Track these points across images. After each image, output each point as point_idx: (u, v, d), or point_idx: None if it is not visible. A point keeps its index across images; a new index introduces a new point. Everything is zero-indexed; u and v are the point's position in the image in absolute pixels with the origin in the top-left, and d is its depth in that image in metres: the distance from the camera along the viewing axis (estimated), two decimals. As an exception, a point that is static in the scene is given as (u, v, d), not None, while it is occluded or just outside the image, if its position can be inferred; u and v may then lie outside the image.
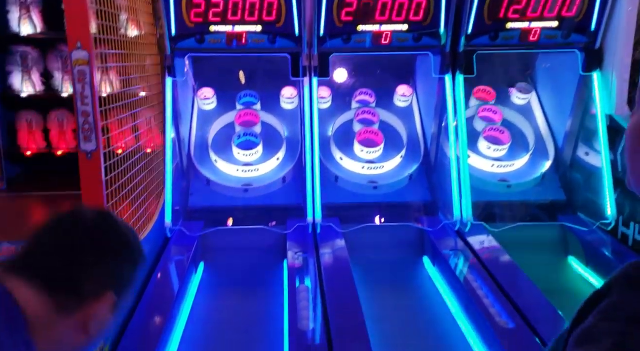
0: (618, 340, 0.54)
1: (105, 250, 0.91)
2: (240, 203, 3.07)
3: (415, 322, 2.44)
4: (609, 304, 0.58)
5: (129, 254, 0.95)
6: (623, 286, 0.58)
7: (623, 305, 0.57)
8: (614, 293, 0.58)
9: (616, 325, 0.56)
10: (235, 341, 2.26)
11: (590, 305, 0.61)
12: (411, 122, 3.49)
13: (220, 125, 3.40)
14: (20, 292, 0.82)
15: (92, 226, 0.91)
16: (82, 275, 0.87)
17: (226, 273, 2.81)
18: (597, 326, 0.57)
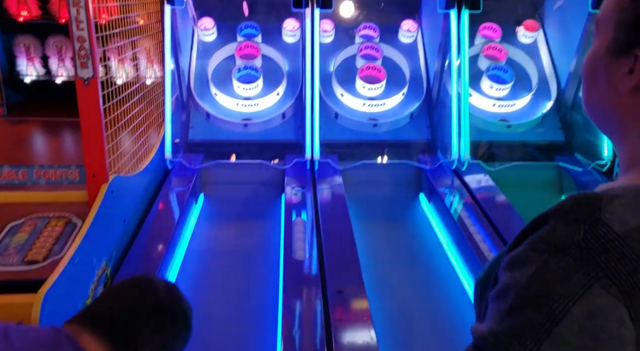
0: (539, 268, 0.57)
1: (167, 322, 1.03)
2: (240, 137, 3.09)
3: (407, 255, 2.52)
4: (539, 234, 0.60)
5: (185, 331, 1.09)
6: (557, 217, 0.60)
7: (551, 235, 0.59)
8: (547, 224, 0.60)
9: (541, 254, 0.58)
10: (232, 269, 2.34)
11: (526, 232, 0.63)
12: (415, 59, 3.43)
13: (221, 57, 3.35)
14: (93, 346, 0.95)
15: (161, 297, 1.04)
16: (144, 340, 1.00)
17: (225, 205, 2.87)
18: (525, 253, 0.60)
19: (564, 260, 0.56)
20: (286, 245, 2.26)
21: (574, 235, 0.57)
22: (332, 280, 2.03)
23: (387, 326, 1.99)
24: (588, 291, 0.55)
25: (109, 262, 2.02)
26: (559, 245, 0.57)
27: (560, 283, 0.55)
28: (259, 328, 1.99)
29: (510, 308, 0.58)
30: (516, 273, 0.59)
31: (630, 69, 0.65)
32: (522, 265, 0.59)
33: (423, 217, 2.86)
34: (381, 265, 2.39)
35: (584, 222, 0.57)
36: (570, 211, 0.59)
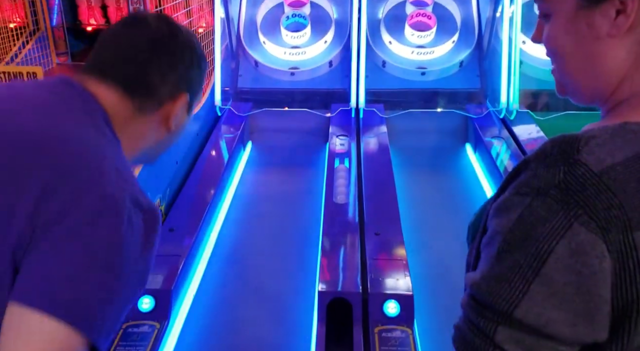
0: (524, 211, 0.59)
1: (176, 52, 0.92)
2: (287, 86, 3.14)
3: (449, 205, 2.53)
4: (522, 179, 0.61)
5: (196, 58, 0.95)
6: (538, 161, 0.61)
7: (533, 178, 0.60)
8: (529, 168, 0.61)
9: (525, 197, 0.59)
10: (276, 211, 2.45)
11: (510, 178, 0.64)
12: (467, 6, 3.31)
13: (269, 5, 3.37)
14: (102, 94, 0.86)
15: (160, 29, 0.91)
16: (158, 77, 0.89)
17: (271, 152, 2.96)
18: (510, 199, 0.61)
19: (545, 201, 0.58)
20: (328, 189, 2.33)
21: (554, 176, 0.59)
22: (370, 223, 2.09)
23: (423, 271, 2.03)
24: (569, 229, 0.57)
25: (163, 199, 2.17)
26: (541, 188, 0.59)
27: (542, 224, 0.58)
28: (300, 265, 2.10)
29: (498, 253, 0.60)
30: (502, 219, 0.61)
31: (617, 11, 0.64)
32: (507, 210, 0.61)
33: (468, 166, 2.84)
34: (422, 213, 2.42)
35: (563, 163, 0.59)
36: (550, 154, 0.60)
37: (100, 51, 0.91)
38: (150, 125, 0.91)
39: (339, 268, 1.87)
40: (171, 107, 0.91)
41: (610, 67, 0.67)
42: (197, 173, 2.48)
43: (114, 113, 0.86)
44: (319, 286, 1.72)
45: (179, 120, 0.94)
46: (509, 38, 2.86)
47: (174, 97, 0.91)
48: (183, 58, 0.92)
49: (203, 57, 0.98)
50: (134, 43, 0.90)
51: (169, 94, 0.91)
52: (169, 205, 2.22)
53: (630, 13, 0.63)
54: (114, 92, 0.86)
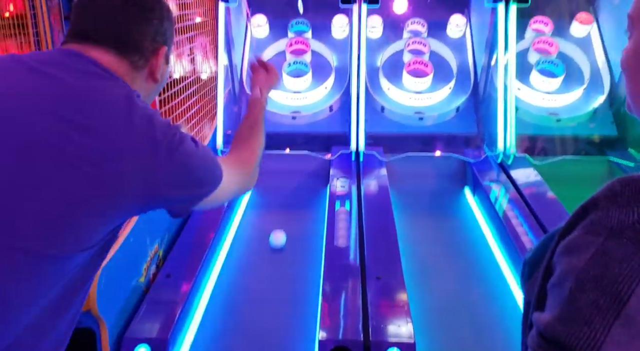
0: (597, 250, 0.58)
1: (148, 9, 1.01)
2: (288, 129, 3.19)
3: (449, 248, 2.53)
4: (593, 218, 0.61)
5: (165, 11, 1.05)
6: (607, 200, 0.61)
7: (605, 218, 0.60)
8: (599, 208, 0.61)
9: (597, 237, 0.59)
10: (276, 254, 2.44)
11: (577, 217, 0.64)
12: (463, 53, 3.42)
13: (272, 52, 3.47)
14: (104, 59, 0.96)
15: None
16: (140, 35, 0.99)
17: (272, 195, 2.97)
18: (580, 238, 0.61)
19: (621, 242, 0.57)
20: (329, 233, 2.33)
21: (628, 217, 0.58)
22: (371, 267, 2.08)
23: (425, 316, 2.02)
24: None
25: (161, 244, 2.17)
26: (615, 228, 0.58)
27: (619, 264, 0.57)
28: (300, 311, 2.07)
29: (571, 293, 0.59)
30: (573, 258, 0.60)
31: None
32: (579, 249, 0.60)
33: (467, 210, 2.86)
34: (422, 257, 2.42)
35: (636, 204, 0.59)
36: (621, 194, 0.60)
37: (81, 19, 1.00)
38: (141, 81, 1.02)
39: (339, 315, 1.85)
40: (155, 61, 1.02)
41: None
42: (195, 217, 2.48)
43: (121, 74, 0.96)
44: (320, 334, 1.70)
45: (162, 71, 1.05)
46: (504, 85, 2.94)
47: (155, 51, 1.02)
48: (155, 13, 1.02)
49: (170, 10, 1.08)
50: (110, 5, 0.98)
51: (151, 49, 1.01)
52: (166, 250, 2.22)
53: None
54: (112, 55, 0.96)
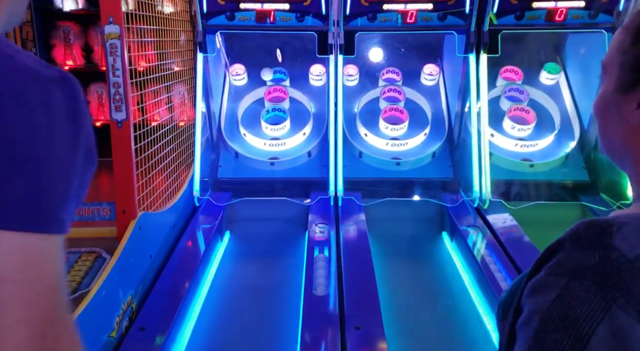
0: (561, 292, 0.61)
1: None
2: (267, 175, 3.19)
3: (428, 293, 2.51)
4: (557, 259, 0.64)
5: None
6: (571, 243, 0.64)
7: (568, 260, 0.63)
8: (563, 250, 0.64)
9: (561, 278, 0.62)
10: (254, 304, 2.39)
11: (544, 259, 0.67)
12: (437, 101, 3.51)
13: (250, 100, 3.51)
14: None
15: None
16: None
17: (250, 242, 2.94)
18: (545, 279, 0.64)
19: (583, 283, 0.60)
20: (307, 280, 2.30)
21: (589, 259, 0.61)
22: (350, 316, 2.05)
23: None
24: (608, 312, 0.58)
25: (135, 295, 2.11)
26: (577, 269, 0.61)
27: (581, 305, 0.59)
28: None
29: (536, 333, 0.61)
30: (538, 299, 0.63)
31: (638, 104, 0.71)
32: (543, 290, 0.63)
33: (446, 254, 2.86)
34: (402, 303, 2.39)
35: (597, 246, 0.62)
36: (584, 236, 0.64)
37: None
38: None
39: (318, 366, 1.80)
40: None
41: (632, 151, 0.72)
42: (171, 266, 2.43)
43: None
44: (299, 386, 1.65)
45: None
46: (478, 131, 3.02)
47: None
48: None
49: None
50: None
51: None
52: (140, 301, 2.16)
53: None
54: None
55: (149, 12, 2.40)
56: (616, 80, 0.74)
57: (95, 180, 2.82)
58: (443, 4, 2.89)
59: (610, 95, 0.75)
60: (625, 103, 0.72)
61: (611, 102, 0.75)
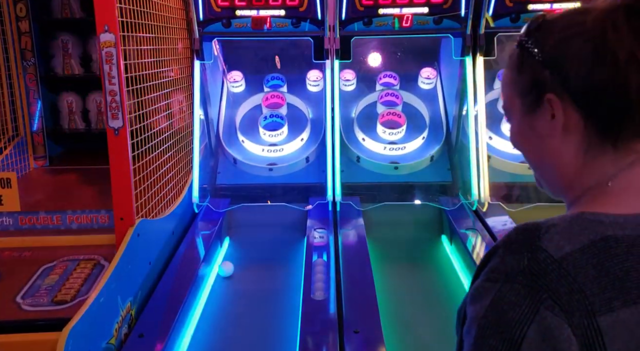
0: (495, 297, 0.63)
1: None
2: (265, 181, 3.20)
3: (428, 297, 2.51)
4: (492, 264, 0.67)
5: None
6: (505, 248, 0.66)
7: (501, 265, 0.65)
8: (497, 255, 0.66)
9: (495, 284, 0.64)
10: (254, 309, 2.39)
11: (482, 264, 0.69)
12: (434, 104, 3.52)
13: (248, 106, 3.53)
14: None
15: None
16: None
17: (249, 248, 2.95)
18: (481, 285, 0.66)
19: (514, 287, 0.62)
20: (306, 285, 2.30)
21: (519, 262, 0.63)
22: (349, 320, 2.05)
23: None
24: (537, 314, 0.60)
25: (134, 302, 2.11)
26: (509, 274, 0.63)
27: (513, 309, 0.61)
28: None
29: (475, 340, 0.64)
30: (477, 305, 0.65)
31: (551, 115, 0.73)
32: (480, 297, 0.65)
33: (445, 258, 2.85)
34: (401, 307, 2.39)
35: (526, 249, 0.64)
36: (515, 241, 0.66)
37: None
38: None
39: (317, 370, 1.80)
40: None
41: (563, 163, 0.74)
42: (171, 272, 2.44)
43: None
44: (297, 391, 1.65)
45: None
46: (476, 134, 3.02)
47: None
48: None
49: None
50: None
51: None
52: (140, 308, 2.16)
53: (559, 118, 0.72)
54: None
55: (145, 21, 2.42)
56: (521, 108, 0.77)
57: (94, 188, 2.86)
58: (438, 8, 2.90)
59: (522, 124, 0.78)
60: (540, 122, 0.75)
61: (526, 130, 0.78)
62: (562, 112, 0.72)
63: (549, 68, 0.72)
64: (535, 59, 0.74)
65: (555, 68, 0.71)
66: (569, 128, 0.72)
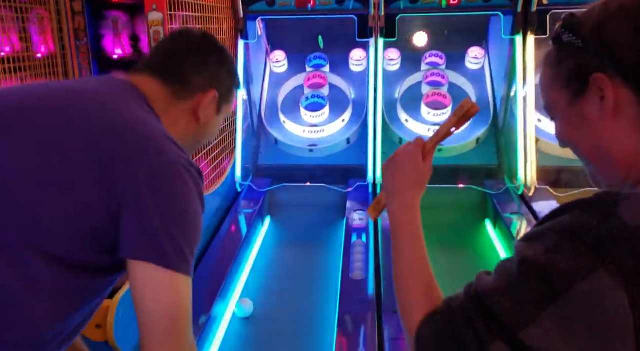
0: (551, 245, 0.61)
1: (210, 55, 1.10)
2: (306, 162, 3.21)
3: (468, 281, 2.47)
4: (558, 219, 0.64)
5: (228, 65, 1.15)
6: (576, 206, 0.64)
7: (567, 221, 0.63)
8: (566, 212, 0.65)
9: (555, 234, 0.62)
10: (292, 288, 2.42)
11: (544, 219, 0.68)
12: (482, 85, 3.42)
13: (290, 87, 3.53)
14: (144, 83, 1.03)
15: (199, 38, 1.12)
16: (191, 71, 1.07)
17: (289, 227, 2.97)
18: (541, 232, 0.65)
19: (575, 245, 0.60)
20: (345, 265, 2.31)
21: (587, 222, 0.61)
22: (388, 300, 2.05)
23: None
24: (593, 273, 0.58)
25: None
26: (575, 232, 0.61)
27: (567, 263, 0.59)
28: (316, 344, 2.04)
29: (517, 273, 0.63)
30: (528, 245, 0.64)
31: (600, 97, 0.70)
32: (535, 240, 0.64)
33: (488, 243, 2.80)
34: (442, 289, 2.36)
35: (600, 212, 0.62)
36: (590, 202, 0.64)
37: (150, 55, 1.15)
38: (183, 113, 1.06)
39: (356, 349, 1.81)
40: (201, 98, 1.07)
41: (618, 146, 0.71)
42: (214, 249, 2.49)
43: (155, 98, 1.02)
44: (335, 368, 1.66)
45: (208, 114, 1.10)
46: (524, 116, 2.92)
47: (204, 91, 1.07)
48: (215, 60, 1.11)
49: (234, 67, 1.18)
50: (175, 45, 1.10)
51: (201, 87, 1.07)
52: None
53: (610, 96, 0.69)
54: (153, 81, 1.03)
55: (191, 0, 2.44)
56: (566, 100, 0.74)
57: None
58: (488, -16, 2.80)
59: (569, 116, 0.75)
60: (587, 106, 0.72)
61: (574, 121, 0.75)
62: (611, 89, 0.68)
63: (591, 50, 0.70)
64: (574, 46, 0.71)
65: (599, 48, 0.69)
66: (621, 105, 0.69)
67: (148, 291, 0.86)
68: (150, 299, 0.86)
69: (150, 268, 0.85)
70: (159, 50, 1.12)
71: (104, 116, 0.91)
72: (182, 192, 0.88)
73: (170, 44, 1.11)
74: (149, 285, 0.86)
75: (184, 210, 0.88)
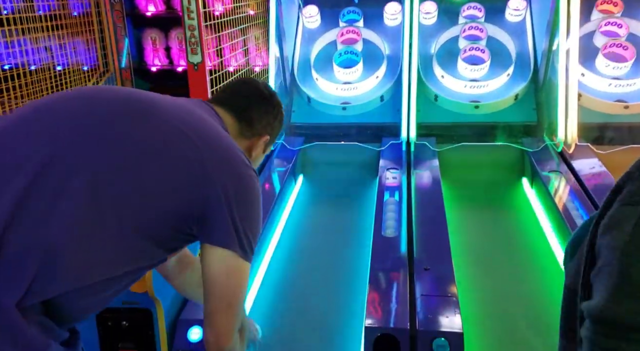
0: (637, 221, 0.58)
1: (270, 107, 1.34)
2: (339, 120, 3.18)
3: (503, 241, 2.44)
4: (629, 189, 0.61)
5: (281, 116, 1.38)
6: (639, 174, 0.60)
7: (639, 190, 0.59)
8: (633, 180, 0.61)
9: (635, 207, 0.59)
10: (325, 246, 2.45)
11: (613, 195, 0.63)
12: (522, 38, 3.27)
13: (323, 43, 3.46)
14: (221, 112, 1.25)
15: (264, 89, 1.35)
16: (257, 116, 1.30)
17: (322, 185, 2.98)
18: (618, 211, 0.61)
19: None
20: (377, 223, 2.31)
21: None
22: (420, 258, 2.05)
23: (475, 307, 1.96)
24: None
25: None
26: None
27: None
28: (348, 299, 2.07)
29: (621, 268, 0.59)
30: (616, 233, 0.61)
31: None
32: (619, 223, 0.61)
33: (524, 202, 2.74)
34: (475, 249, 2.35)
35: None
36: None
37: (223, 92, 1.37)
38: (242, 147, 1.24)
39: (387, 304, 1.83)
40: (257, 141, 1.32)
41: None
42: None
43: (228, 127, 1.24)
44: (366, 322, 1.69)
45: (258, 153, 1.35)
46: (566, 70, 2.79)
47: (260, 135, 1.32)
48: (273, 112, 1.35)
49: (283, 117, 1.41)
50: (245, 90, 1.33)
51: (259, 131, 1.31)
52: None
53: None
54: (228, 115, 1.26)
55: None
56: None
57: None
58: None
59: None
60: None
61: None
62: None
63: None
64: None
65: None
66: None
67: (222, 273, 1.09)
68: (222, 279, 1.10)
69: (227, 254, 1.08)
70: (230, 91, 1.34)
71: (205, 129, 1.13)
72: (256, 198, 1.14)
73: (239, 87, 1.34)
74: (223, 267, 1.09)
75: (257, 213, 1.15)
